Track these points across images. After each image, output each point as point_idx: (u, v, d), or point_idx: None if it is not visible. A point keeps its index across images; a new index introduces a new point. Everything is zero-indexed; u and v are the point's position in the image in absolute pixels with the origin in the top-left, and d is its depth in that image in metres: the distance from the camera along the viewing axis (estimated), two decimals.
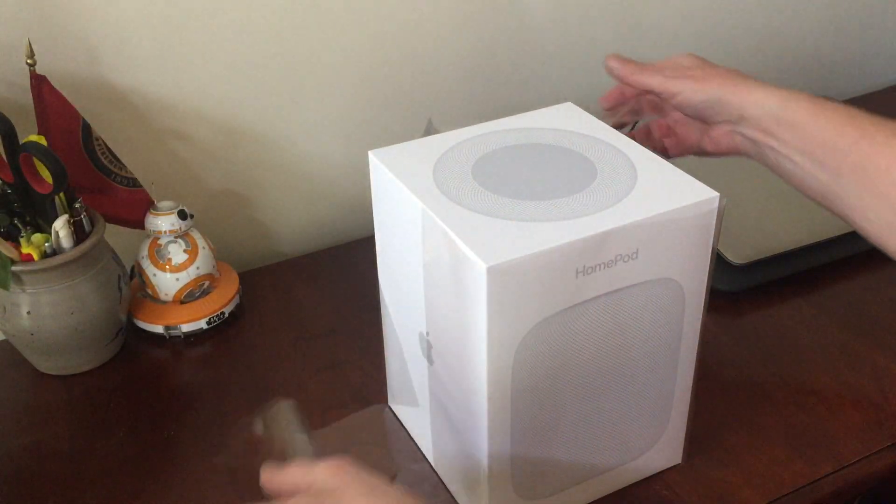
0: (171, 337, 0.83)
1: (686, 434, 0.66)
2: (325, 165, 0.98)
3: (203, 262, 0.83)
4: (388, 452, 0.69)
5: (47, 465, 0.70)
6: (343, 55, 0.93)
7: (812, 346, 0.79)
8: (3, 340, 0.81)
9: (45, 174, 0.72)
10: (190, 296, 0.83)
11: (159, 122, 0.87)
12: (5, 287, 0.72)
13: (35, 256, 0.72)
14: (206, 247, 0.84)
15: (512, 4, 0.99)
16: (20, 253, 0.72)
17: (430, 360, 0.61)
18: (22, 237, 0.73)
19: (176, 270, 0.82)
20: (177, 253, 0.82)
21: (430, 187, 0.56)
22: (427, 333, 0.60)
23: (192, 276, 0.82)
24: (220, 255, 0.88)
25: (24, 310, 0.73)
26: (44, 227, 0.74)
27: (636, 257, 0.53)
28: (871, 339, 0.80)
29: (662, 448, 0.65)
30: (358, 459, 0.47)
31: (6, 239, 0.72)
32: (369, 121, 0.98)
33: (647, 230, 0.53)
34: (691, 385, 0.63)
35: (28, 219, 0.74)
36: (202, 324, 0.83)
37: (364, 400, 0.74)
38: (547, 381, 0.55)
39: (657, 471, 0.66)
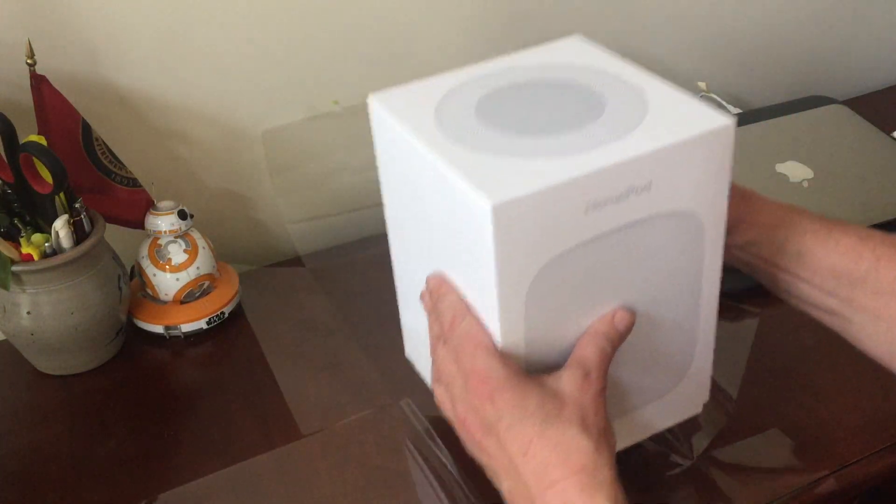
0: (171, 337, 0.83)
1: (711, 378, 0.63)
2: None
3: (203, 262, 0.83)
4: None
5: (47, 465, 0.70)
6: (344, 55, 0.93)
7: (813, 346, 0.79)
8: (3, 340, 0.81)
9: (45, 174, 0.72)
10: (190, 296, 0.83)
11: (159, 122, 0.87)
12: (5, 287, 0.72)
13: (35, 256, 0.72)
14: (206, 247, 0.84)
15: None
16: (20, 253, 0.72)
17: None
18: (22, 237, 0.73)
19: (176, 270, 0.82)
20: (177, 253, 0.82)
21: (431, 128, 0.54)
22: None
23: (192, 276, 0.82)
24: (220, 255, 0.88)
25: (24, 310, 0.73)
26: (44, 227, 0.74)
27: (649, 189, 0.51)
28: None
29: (684, 392, 0.62)
30: (360, 460, 0.47)
31: (6, 239, 0.72)
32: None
33: (658, 161, 0.51)
34: (714, 324, 0.60)
35: (28, 219, 0.74)
36: (202, 324, 0.83)
37: (364, 400, 0.74)
38: (561, 324, 0.53)
39: (681, 419, 0.64)
